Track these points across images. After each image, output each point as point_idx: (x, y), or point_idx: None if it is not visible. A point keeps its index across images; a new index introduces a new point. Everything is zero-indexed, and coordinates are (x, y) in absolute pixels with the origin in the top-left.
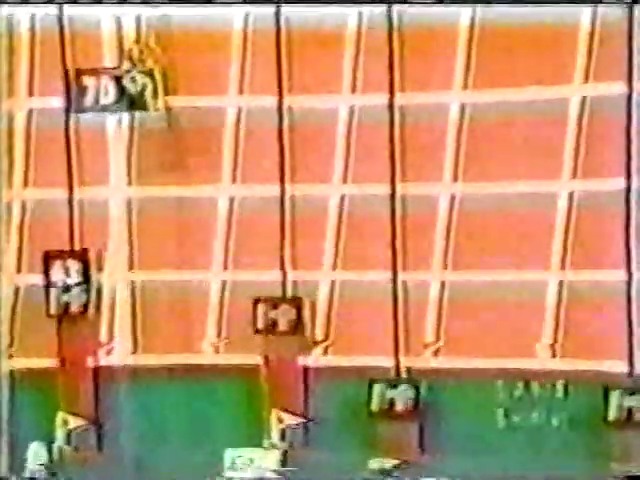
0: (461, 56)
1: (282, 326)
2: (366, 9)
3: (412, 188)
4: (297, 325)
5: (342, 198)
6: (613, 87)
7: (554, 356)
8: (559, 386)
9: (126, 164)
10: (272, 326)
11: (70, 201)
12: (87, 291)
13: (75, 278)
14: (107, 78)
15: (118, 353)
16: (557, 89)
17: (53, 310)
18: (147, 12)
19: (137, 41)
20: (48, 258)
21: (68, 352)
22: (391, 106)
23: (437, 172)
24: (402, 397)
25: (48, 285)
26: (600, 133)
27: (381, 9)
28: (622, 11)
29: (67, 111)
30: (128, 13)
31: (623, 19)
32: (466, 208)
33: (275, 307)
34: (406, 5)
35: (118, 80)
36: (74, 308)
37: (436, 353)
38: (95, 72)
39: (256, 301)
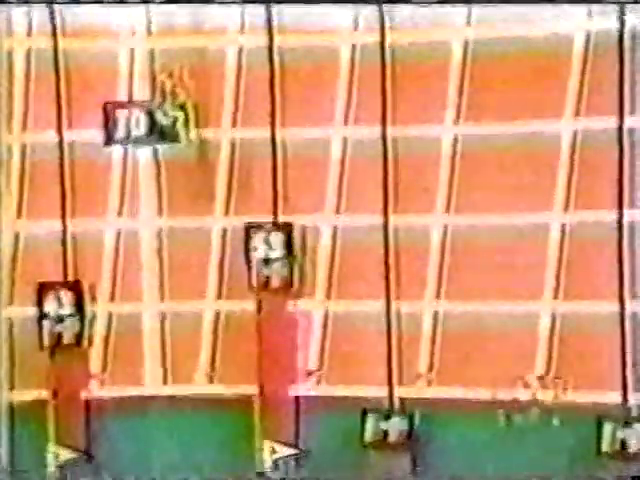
0: (453, 89)
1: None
2: (359, 41)
3: (405, 219)
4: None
5: (335, 229)
6: (605, 121)
7: (546, 387)
8: (555, 418)
9: (157, 195)
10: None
11: (64, 233)
12: (81, 322)
13: (68, 309)
14: (138, 111)
15: (150, 384)
16: (549, 122)
17: (46, 341)
18: (180, 45)
19: (170, 75)
20: (41, 289)
21: (61, 383)
22: (384, 138)
23: (429, 203)
24: (395, 428)
25: (41, 317)
26: (592, 165)
27: (374, 40)
28: (613, 46)
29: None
30: (162, 46)
31: (614, 53)
32: (459, 239)
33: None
34: (400, 36)
35: (150, 113)
36: (67, 339)
37: (430, 383)
38: (126, 105)
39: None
